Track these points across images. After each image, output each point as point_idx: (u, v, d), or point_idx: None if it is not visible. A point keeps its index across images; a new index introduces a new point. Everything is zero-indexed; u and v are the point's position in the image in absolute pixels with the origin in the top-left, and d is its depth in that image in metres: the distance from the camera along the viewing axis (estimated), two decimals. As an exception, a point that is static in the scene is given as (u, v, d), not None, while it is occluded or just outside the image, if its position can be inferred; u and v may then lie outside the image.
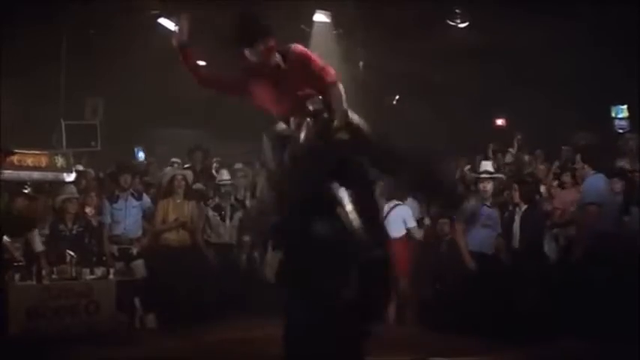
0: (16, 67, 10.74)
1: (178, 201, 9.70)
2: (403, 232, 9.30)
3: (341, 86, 4.86)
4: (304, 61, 4.87)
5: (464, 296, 8.47)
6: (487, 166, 9.19)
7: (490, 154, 11.08)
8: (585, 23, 10.85)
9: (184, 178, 9.88)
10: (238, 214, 10.10)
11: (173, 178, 9.87)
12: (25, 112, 11.47)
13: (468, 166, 11.53)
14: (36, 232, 8.99)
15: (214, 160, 11.50)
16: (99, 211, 9.72)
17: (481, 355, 7.36)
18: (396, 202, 9.39)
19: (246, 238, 10.02)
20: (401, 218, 9.29)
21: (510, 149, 11.44)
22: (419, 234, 9.49)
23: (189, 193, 9.89)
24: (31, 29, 10.71)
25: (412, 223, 9.38)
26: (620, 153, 9.75)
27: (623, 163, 9.16)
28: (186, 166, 11.06)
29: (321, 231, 4.62)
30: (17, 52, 10.55)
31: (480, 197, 8.76)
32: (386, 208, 9.28)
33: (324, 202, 4.65)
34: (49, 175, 10.24)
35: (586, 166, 8.57)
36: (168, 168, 11.02)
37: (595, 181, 8.22)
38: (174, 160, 11.25)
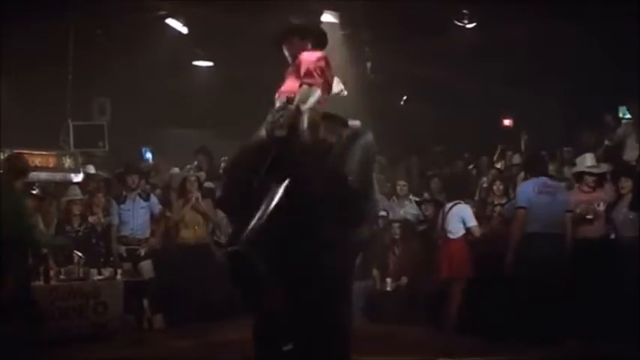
0: (23, 67, 10.77)
1: (193, 201, 9.74)
2: (462, 232, 9.00)
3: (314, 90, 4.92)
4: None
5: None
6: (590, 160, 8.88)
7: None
8: (593, 23, 10.82)
9: (197, 179, 9.94)
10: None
11: (185, 180, 9.93)
12: (32, 112, 11.47)
13: (471, 166, 11.52)
14: (44, 231, 9.01)
15: (222, 159, 11.48)
16: (106, 212, 9.73)
17: (483, 355, 7.36)
18: (455, 202, 9.20)
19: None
20: (459, 218, 9.02)
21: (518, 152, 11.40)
22: (479, 232, 9.07)
23: (201, 194, 9.93)
24: (38, 29, 10.73)
25: (472, 222, 9.02)
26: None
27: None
28: (189, 166, 11.07)
29: None
30: (24, 52, 10.57)
31: None
32: (445, 207, 9.21)
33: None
34: (57, 176, 10.26)
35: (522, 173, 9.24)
36: (176, 169, 11.05)
37: (525, 187, 8.50)
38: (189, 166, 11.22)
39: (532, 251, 7.92)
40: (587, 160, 8.76)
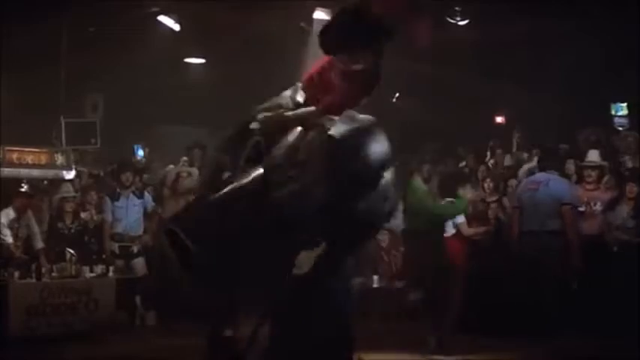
0: (16, 64, 10.74)
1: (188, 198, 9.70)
2: (454, 229, 8.78)
3: None
4: None
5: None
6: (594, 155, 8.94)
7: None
8: (585, 20, 10.85)
9: (190, 175, 9.91)
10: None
11: (179, 175, 9.90)
12: (24, 109, 11.45)
13: (463, 163, 11.54)
14: (36, 229, 9.01)
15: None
16: (99, 210, 9.72)
17: (483, 353, 7.37)
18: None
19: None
20: None
21: (512, 151, 11.43)
22: (466, 229, 8.85)
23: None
24: (31, 26, 10.69)
25: (459, 219, 8.75)
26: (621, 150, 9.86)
27: (626, 159, 9.26)
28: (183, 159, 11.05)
29: None
30: (17, 50, 10.54)
31: None
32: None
33: None
34: (49, 173, 10.24)
35: None
36: (171, 166, 11.03)
37: (519, 185, 8.69)
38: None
39: (521, 249, 7.93)
40: (589, 156, 8.81)
